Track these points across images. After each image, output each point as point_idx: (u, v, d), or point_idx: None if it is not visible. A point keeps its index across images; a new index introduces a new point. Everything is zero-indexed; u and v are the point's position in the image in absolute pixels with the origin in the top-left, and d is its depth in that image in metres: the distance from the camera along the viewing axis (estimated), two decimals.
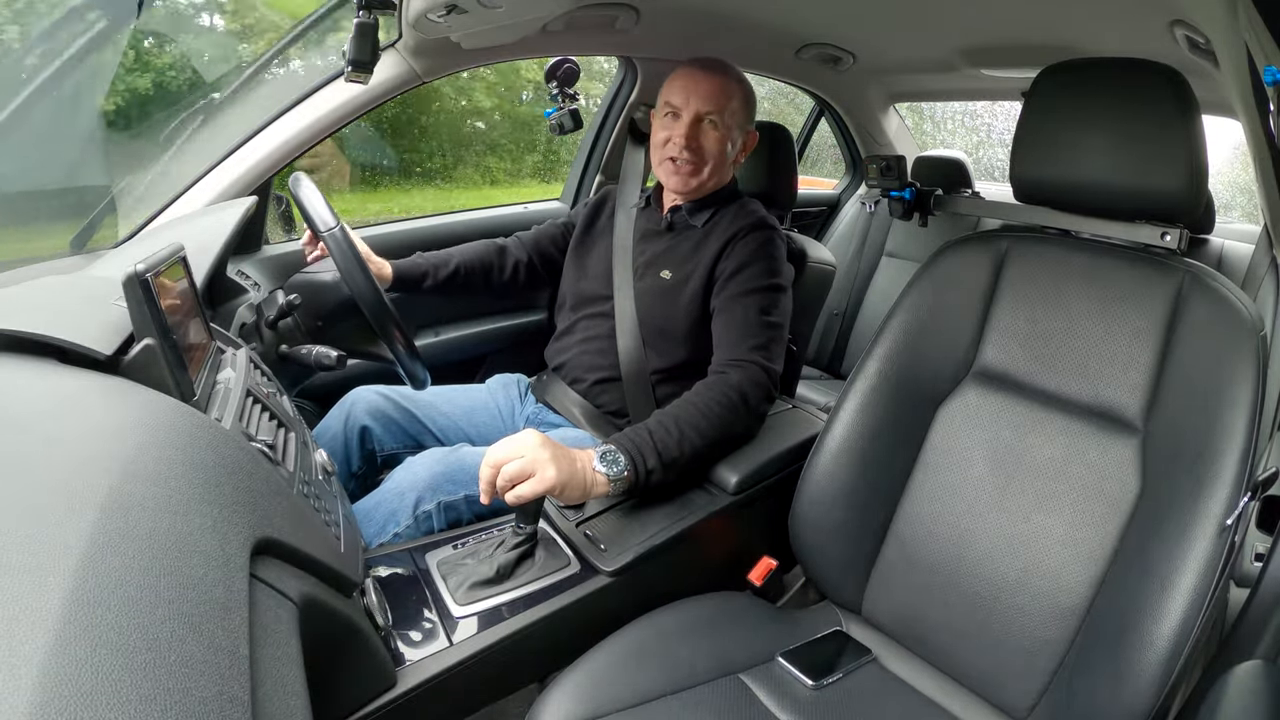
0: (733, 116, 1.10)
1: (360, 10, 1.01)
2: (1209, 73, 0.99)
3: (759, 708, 0.76)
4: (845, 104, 2.19)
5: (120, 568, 0.33)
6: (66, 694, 0.27)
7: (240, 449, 0.54)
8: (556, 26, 1.26)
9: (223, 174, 1.18)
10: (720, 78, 1.09)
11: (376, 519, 0.92)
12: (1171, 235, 0.80)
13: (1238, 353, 0.70)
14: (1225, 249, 1.71)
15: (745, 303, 1.03)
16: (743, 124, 1.13)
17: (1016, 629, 0.77)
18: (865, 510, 0.89)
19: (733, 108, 1.10)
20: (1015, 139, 0.86)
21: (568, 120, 1.47)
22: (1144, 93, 0.76)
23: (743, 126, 1.13)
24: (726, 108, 1.08)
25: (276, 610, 0.44)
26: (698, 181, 1.11)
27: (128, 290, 0.57)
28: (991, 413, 0.86)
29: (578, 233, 1.26)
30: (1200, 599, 0.63)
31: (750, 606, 0.89)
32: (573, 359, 1.18)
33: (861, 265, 2.26)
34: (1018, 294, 0.87)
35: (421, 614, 0.75)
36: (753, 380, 0.96)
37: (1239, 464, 0.66)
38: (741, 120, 1.12)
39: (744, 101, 1.12)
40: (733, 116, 1.10)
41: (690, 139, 1.08)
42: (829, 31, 1.58)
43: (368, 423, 1.11)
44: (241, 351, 0.82)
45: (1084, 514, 0.76)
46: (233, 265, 1.20)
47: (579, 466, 0.82)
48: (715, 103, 1.07)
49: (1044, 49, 1.30)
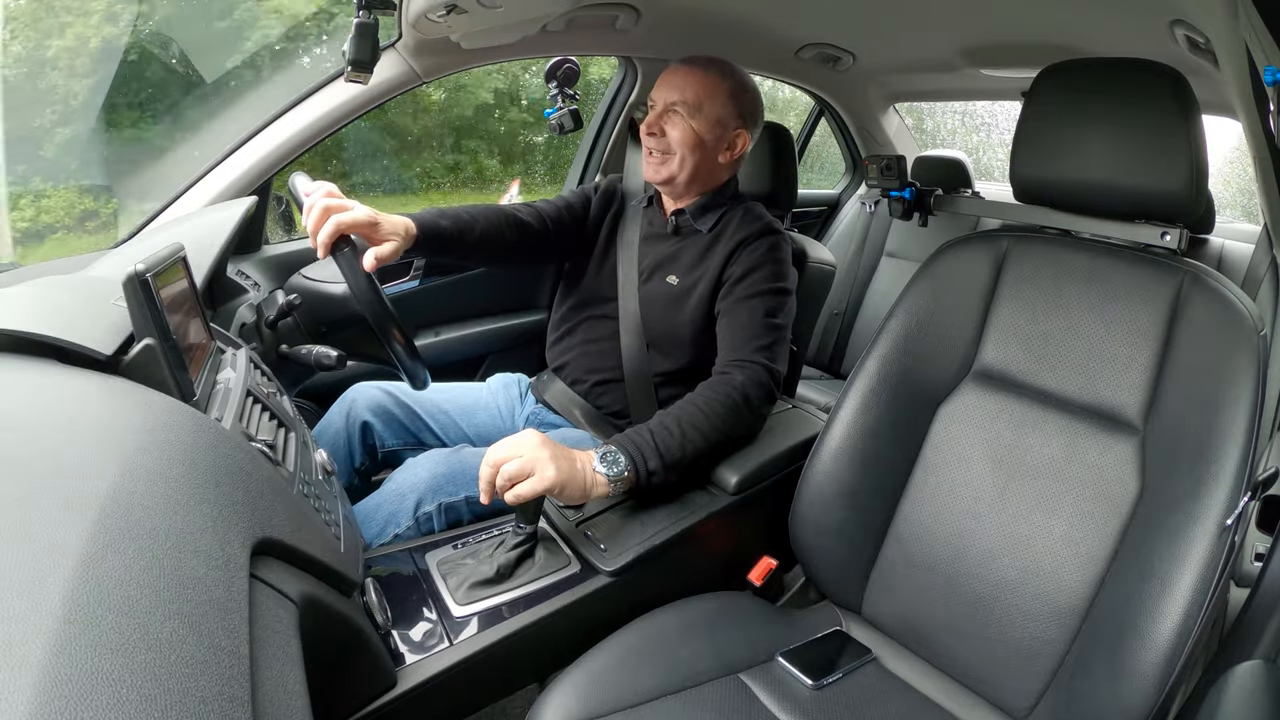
0: (711, 110, 1.06)
1: (360, 10, 1.01)
2: (1209, 73, 0.99)
3: (759, 708, 0.76)
4: (845, 104, 2.19)
5: (120, 568, 0.33)
6: (66, 694, 0.27)
7: (240, 449, 0.54)
8: (556, 26, 1.26)
9: (223, 174, 1.19)
10: (700, 71, 1.07)
11: (377, 520, 0.92)
12: (1171, 235, 0.80)
13: (1238, 353, 0.70)
14: (1225, 249, 1.71)
15: (751, 305, 1.03)
16: (725, 120, 1.07)
17: (1016, 629, 0.77)
18: (865, 510, 0.89)
19: (711, 101, 1.06)
20: (1015, 139, 0.86)
21: (568, 120, 1.47)
22: (1144, 93, 0.76)
23: (724, 123, 1.07)
24: (702, 100, 1.05)
25: (276, 610, 0.44)
26: (668, 172, 1.08)
27: (128, 290, 0.57)
28: (991, 412, 0.86)
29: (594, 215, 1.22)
30: (1200, 599, 0.63)
31: (750, 606, 0.89)
32: (574, 360, 1.17)
33: (861, 265, 2.26)
34: (1017, 294, 0.87)
35: (421, 614, 0.75)
36: (756, 381, 0.96)
37: (1239, 464, 0.66)
38: (723, 116, 1.07)
39: (729, 97, 1.07)
40: (711, 110, 1.06)
41: (653, 126, 1.07)
42: (829, 31, 1.58)
43: (369, 419, 1.11)
44: (241, 351, 0.82)
45: (1084, 514, 0.76)
46: (233, 265, 1.20)
47: (579, 466, 0.82)
48: (684, 93, 1.05)
49: (1044, 49, 1.30)
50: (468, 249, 1.04)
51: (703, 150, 1.07)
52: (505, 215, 1.10)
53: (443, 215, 1.00)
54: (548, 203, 1.18)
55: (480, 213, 1.06)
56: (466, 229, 1.03)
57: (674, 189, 1.12)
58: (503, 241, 1.08)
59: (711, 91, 1.06)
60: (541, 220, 1.14)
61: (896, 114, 2.32)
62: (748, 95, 1.10)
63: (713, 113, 1.06)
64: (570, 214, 1.18)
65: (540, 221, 1.14)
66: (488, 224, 1.06)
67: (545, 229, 1.14)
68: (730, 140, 1.09)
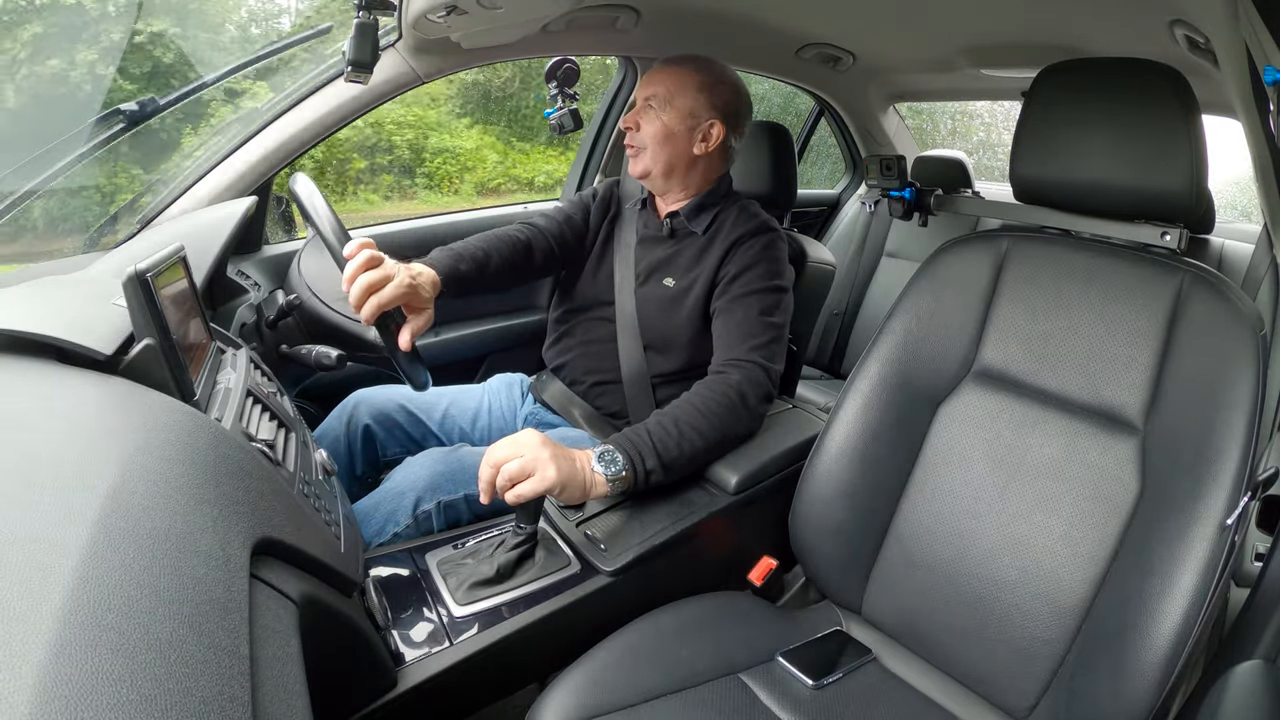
0: (682, 102, 1.06)
1: (360, 10, 1.01)
2: (1209, 73, 0.99)
3: (759, 707, 0.76)
4: (845, 104, 2.19)
5: (120, 568, 0.33)
6: (67, 694, 0.27)
7: (240, 449, 0.54)
8: (557, 26, 1.26)
9: (223, 174, 1.18)
10: (673, 67, 1.09)
11: (376, 519, 0.92)
12: (1171, 235, 0.80)
13: (1238, 353, 0.70)
14: (1225, 249, 1.71)
15: (746, 304, 1.03)
16: (696, 111, 1.07)
17: (1016, 629, 0.77)
18: (865, 510, 0.89)
19: (682, 94, 1.07)
20: (1015, 139, 0.86)
21: (568, 120, 1.47)
22: (1144, 93, 0.76)
23: (696, 114, 1.07)
24: (673, 93, 1.06)
25: (277, 610, 0.44)
26: (643, 166, 1.09)
27: (128, 290, 0.57)
28: (992, 412, 0.86)
29: (594, 223, 1.23)
30: (1200, 599, 0.63)
31: (750, 606, 0.89)
32: (572, 360, 1.17)
33: (861, 265, 2.26)
34: (1018, 293, 0.87)
35: (421, 614, 0.75)
36: (752, 380, 0.96)
37: (1239, 464, 0.66)
38: (694, 107, 1.07)
39: (699, 89, 1.07)
40: (682, 102, 1.06)
41: (628, 122, 1.09)
42: (829, 31, 1.58)
43: (370, 425, 1.11)
44: (242, 351, 0.82)
45: (1084, 514, 0.76)
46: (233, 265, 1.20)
47: (578, 466, 0.82)
48: (655, 89, 1.07)
49: (1044, 49, 1.30)
50: (485, 285, 1.07)
51: (674, 142, 1.08)
52: (514, 242, 1.12)
53: (460, 259, 1.02)
54: (549, 218, 1.20)
55: (492, 246, 1.08)
56: (482, 267, 1.05)
57: (654, 184, 1.13)
58: (515, 270, 1.11)
59: (682, 84, 1.07)
60: (546, 240, 1.16)
61: (896, 114, 2.32)
62: (723, 88, 1.09)
63: (683, 105, 1.07)
64: (570, 228, 1.20)
65: (545, 241, 1.16)
66: (500, 257, 1.08)
67: (550, 248, 1.16)
68: (704, 132, 1.09)
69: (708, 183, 1.14)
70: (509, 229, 1.14)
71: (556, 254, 1.17)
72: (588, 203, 1.23)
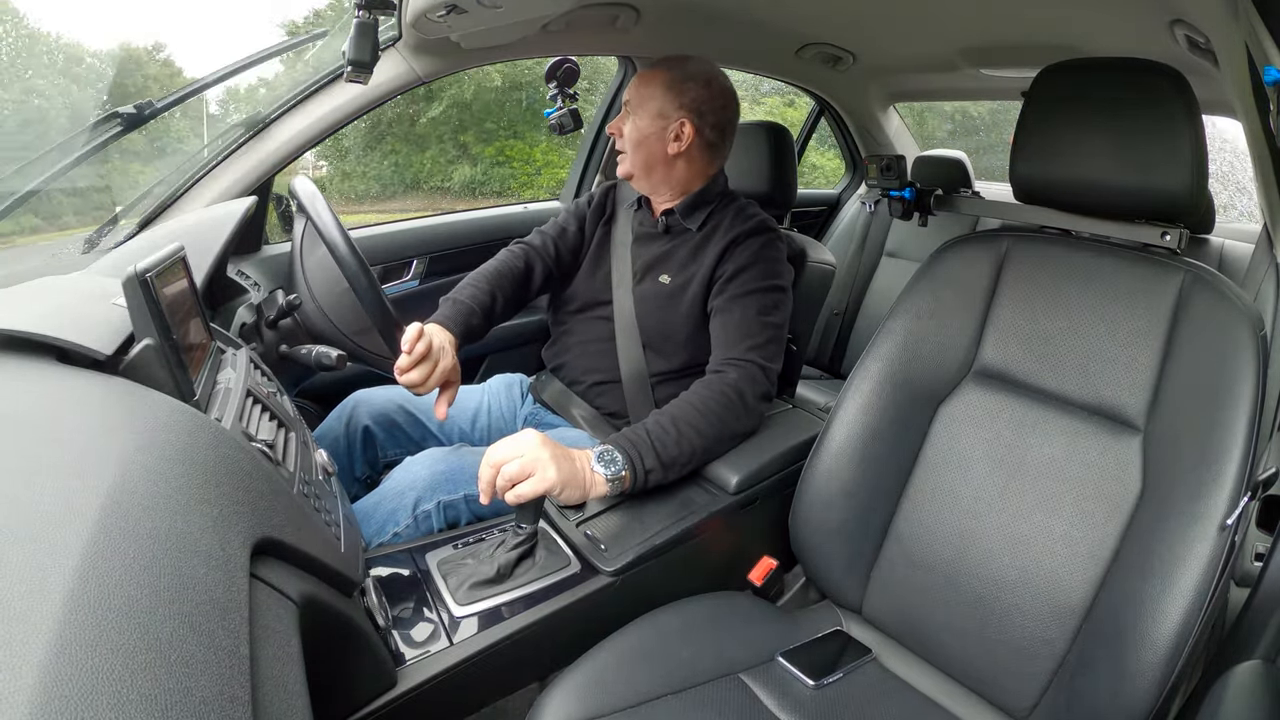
0: (651, 103, 1.08)
1: (360, 10, 1.01)
2: (1209, 73, 0.99)
3: (759, 708, 0.76)
4: (845, 104, 2.19)
5: (120, 568, 0.33)
6: (67, 694, 0.27)
7: (240, 449, 0.54)
8: (557, 26, 1.26)
9: (223, 174, 1.19)
10: (649, 69, 1.12)
11: (376, 519, 0.92)
12: (1172, 235, 0.80)
13: (1238, 353, 0.70)
14: (1225, 249, 1.71)
15: (744, 303, 1.03)
16: (664, 111, 1.07)
17: (1017, 628, 0.77)
18: (866, 510, 0.89)
19: (650, 95, 1.08)
20: (1015, 139, 0.86)
21: (568, 120, 1.47)
22: (1144, 93, 0.76)
23: (664, 114, 1.08)
24: (643, 97, 1.09)
25: (277, 610, 0.44)
26: (625, 169, 1.13)
27: (128, 290, 0.57)
28: (992, 412, 0.86)
29: (589, 232, 1.24)
30: (1200, 599, 0.63)
31: (750, 606, 0.89)
32: (571, 360, 1.17)
33: (861, 265, 2.26)
34: (1018, 293, 0.87)
35: (422, 614, 0.75)
36: (750, 379, 0.96)
37: (1240, 464, 0.66)
38: (662, 107, 1.07)
39: (666, 88, 1.08)
40: (651, 103, 1.08)
41: (613, 129, 1.14)
42: (829, 31, 1.58)
43: (370, 426, 1.11)
44: (242, 351, 0.82)
45: (1085, 514, 0.76)
46: (233, 265, 1.20)
47: (578, 466, 0.82)
48: (630, 92, 1.12)
49: (1044, 49, 1.30)
50: (495, 324, 1.13)
51: (647, 144, 1.09)
52: (515, 275, 1.15)
53: (471, 314, 1.07)
54: (544, 236, 1.21)
55: (495, 285, 1.12)
56: (489, 311, 1.10)
57: (640, 186, 1.15)
58: (518, 303, 1.17)
59: (651, 85, 1.09)
60: (543, 260, 1.19)
61: (896, 114, 2.32)
62: (690, 85, 1.09)
63: (652, 106, 1.09)
64: (565, 242, 1.21)
65: (543, 262, 1.19)
66: (504, 296, 1.13)
67: (549, 268, 1.19)
68: (676, 130, 1.08)
69: (697, 181, 1.14)
70: (509, 256, 1.18)
71: (555, 273, 1.21)
72: (583, 211, 1.25)
